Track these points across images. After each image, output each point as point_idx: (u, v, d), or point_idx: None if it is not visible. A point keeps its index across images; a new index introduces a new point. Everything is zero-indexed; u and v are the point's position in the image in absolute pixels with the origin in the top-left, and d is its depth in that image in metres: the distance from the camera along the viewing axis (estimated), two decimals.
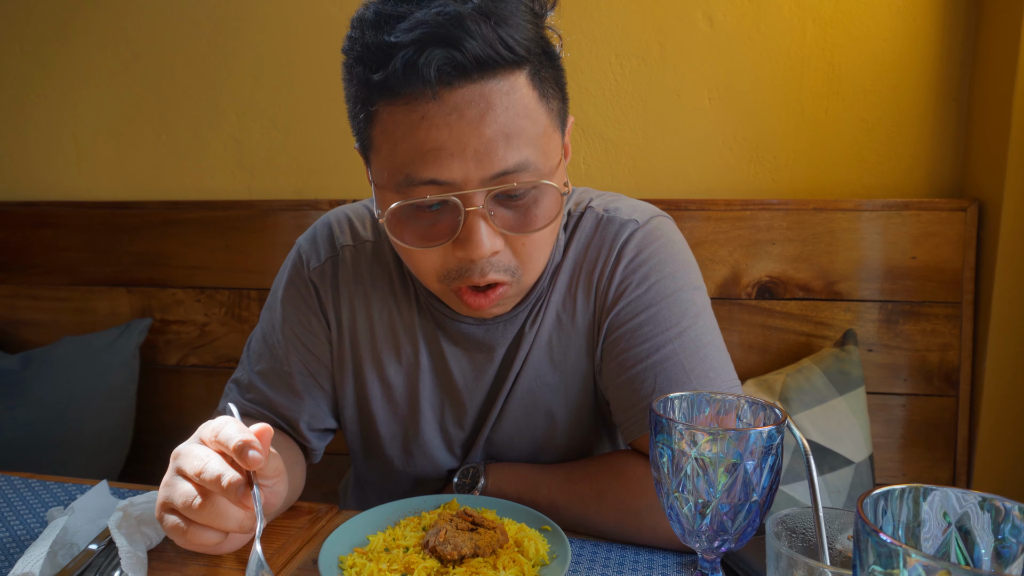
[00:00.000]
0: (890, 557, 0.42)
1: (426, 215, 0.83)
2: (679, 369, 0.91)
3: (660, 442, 0.68)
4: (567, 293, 0.99)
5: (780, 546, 0.57)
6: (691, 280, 0.98)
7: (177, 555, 0.88)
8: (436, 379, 1.03)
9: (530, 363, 1.00)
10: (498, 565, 0.79)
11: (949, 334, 1.65)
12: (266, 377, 1.04)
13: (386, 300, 1.03)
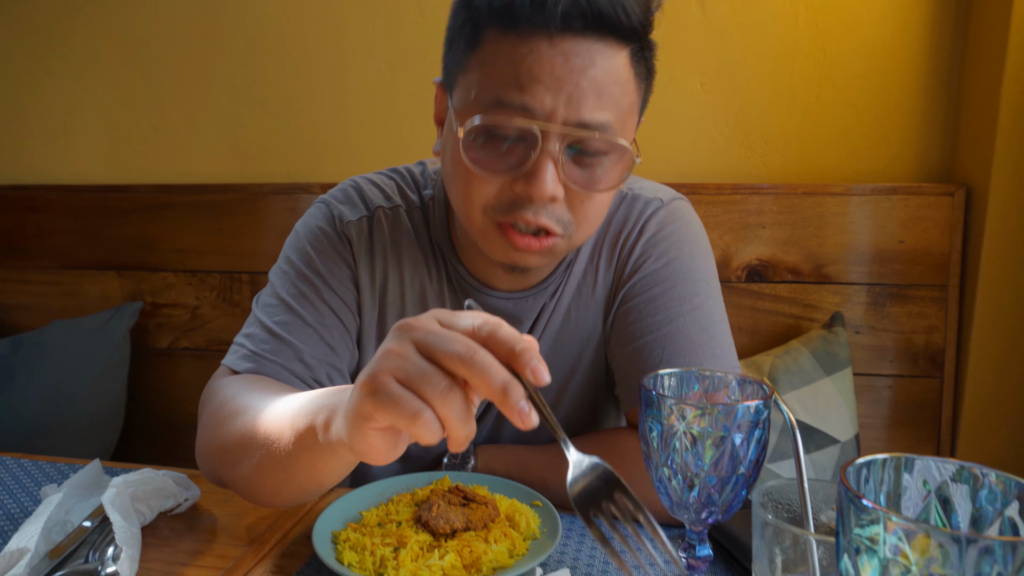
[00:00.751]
0: (871, 523, 0.44)
1: (500, 143, 0.83)
2: (687, 343, 0.93)
3: (650, 417, 0.69)
4: (589, 264, 1.03)
5: (766, 516, 0.58)
6: (706, 263, 1.02)
7: (171, 531, 0.89)
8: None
9: (548, 332, 1.02)
10: (489, 539, 0.80)
11: (935, 316, 1.67)
12: (289, 328, 0.96)
13: (418, 268, 1.02)
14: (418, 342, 0.57)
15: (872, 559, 0.44)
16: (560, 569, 0.74)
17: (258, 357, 0.95)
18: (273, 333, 0.97)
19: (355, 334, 1.03)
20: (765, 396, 0.67)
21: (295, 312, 0.99)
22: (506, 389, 0.55)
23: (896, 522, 0.42)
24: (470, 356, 0.55)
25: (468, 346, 0.55)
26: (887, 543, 0.43)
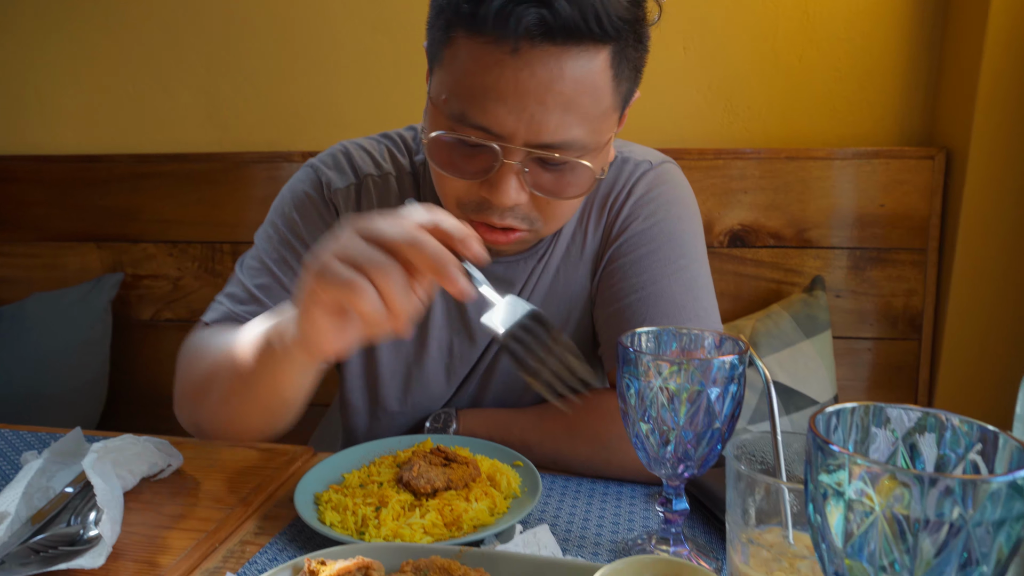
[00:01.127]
0: (838, 468, 0.45)
1: (466, 149, 0.84)
2: (671, 304, 0.94)
3: (627, 374, 0.69)
4: (578, 226, 1.03)
5: (739, 467, 0.59)
6: (694, 225, 1.03)
7: (154, 496, 0.89)
8: (447, 317, 1.04)
9: (537, 292, 1.03)
10: (470, 498, 0.81)
11: (914, 280, 1.68)
12: (268, 291, 0.99)
13: None
14: (361, 231, 0.65)
15: (838, 503, 0.45)
16: (539, 525, 0.75)
17: (236, 317, 0.98)
18: (252, 295, 1.00)
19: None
20: (740, 352, 0.68)
21: (275, 276, 1.01)
22: (443, 261, 0.63)
23: (861, 465, 0.43)
24: (410, 237, 0.62)
25: (408, 230, 0.63)
26: (852, 487, 0.44)
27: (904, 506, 0.42)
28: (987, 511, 0.40)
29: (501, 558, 0.67)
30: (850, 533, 0.44)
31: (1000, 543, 0.41)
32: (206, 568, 0.74)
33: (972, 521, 0.40)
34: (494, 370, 1.06)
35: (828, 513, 0.46)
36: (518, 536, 0.74)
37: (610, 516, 0.84)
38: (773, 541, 0.59)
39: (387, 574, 0.66)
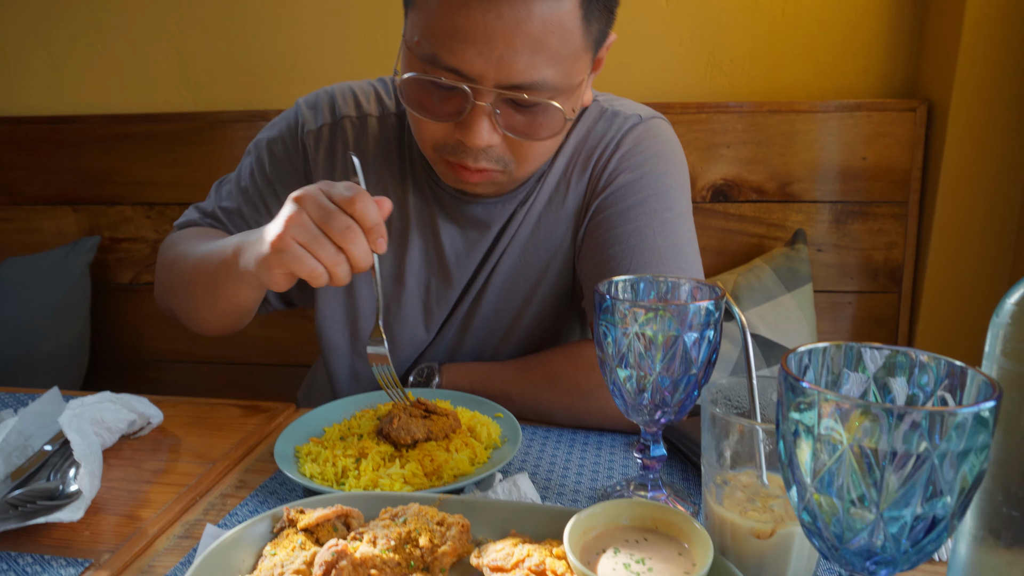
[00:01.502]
0: (808, 405, 0.45)
1: (438, 91, 0.85)
2: (655, 256, 0.94)
3: (604, 321, 0.69)
4: (563, 176, 1.03)
5: (714, 409, 0.59)
6: (680, 180, 1.03)
7: (134, 453, 0.89)
8: (425, 256, 1.05)
9: (518, 239, 1.03)
10: (451, 448, 0.81)
11: (895, 233, 1.69)
12: (230, 215, 1.08)
13: (382, 176, 1.04)
14: (312, 215, 0.76)
15: (808, 439, 0.45)
16: (519, 474, 0.76)
17: (203, 224, 1.08)
18: (216, 215, 1.08)
19: None
20: (716, 298, 0.68)
21: (239, 204, 1.07)
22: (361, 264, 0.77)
23: (830, 400, 0.43)
24: (347, 237, 0.75)
25: (346, 227, 0.75)
26: (822, 423, 0.44)
27: (872, 440, 0.42)
28: (952, 442, 0.41)
29: (480, 505, 0.68)
30: (819, 468, 0.45)
31: (964, 473, 0.42)
32: (187, 520, 0.74)
33: (937, 452, 0.41)
34: (473, 318, 1.06)
35: (798, 449, 0.46)
36: (498, 484, 0.75)
37: (589, 464, 0.85)
38: (747, 482, 0.60)
39: (366, 522, 0.66)
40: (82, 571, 0.65)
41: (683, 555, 0.58)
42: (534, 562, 0.59)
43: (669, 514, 0.62)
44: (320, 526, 0.64)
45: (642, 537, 0.61)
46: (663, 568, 0.57)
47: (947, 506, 0.43)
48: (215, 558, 0.59)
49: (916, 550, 0.45)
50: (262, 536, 0.64)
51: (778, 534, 0.58)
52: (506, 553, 0.61)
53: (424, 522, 0.64)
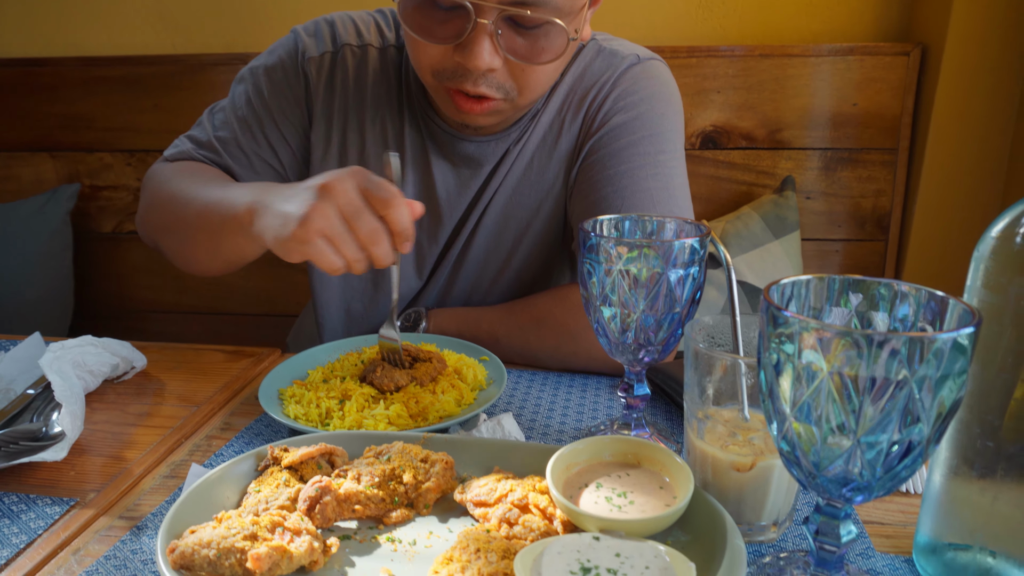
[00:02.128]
0: (790, 336, 0.45)
1: (439, 12, 0.83)
2: (647, 198, 0.94)
3: (589, 260, 0.69)
4: (557, 115, 1.01)
5: (697, 345, 0.59)
6: (675, 123, 1.01)
7: (118, 397, 0.89)
8: (417, 193, 1.04)
9: (510, 178, 1.02)
10: (436, 390, 0.81)
11: (884, 180, 1.68)
12: (226, 145, 1.04)
13: (380, 108, 1.03)
14: (342, 208, 0.72)
15: (788, 368, 0.45)
16: (503, 414, 0.76)
17: (197, 157, 1.03)
18: (211, 145, 1.04)
19: (290, 172, 1.06)
20: (701, 235, 0.67)
21: (236, 135, 1.03)
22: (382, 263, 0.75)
23: (811, 329, 0.43)
24: (374, 239, 0.73)
25: (374, 230, 0.73)
26: (802, 353, 0.44)
27: (852, 368, 0.42)
28: (931, 368, 0.41)
29: (464, 443, 0.68)
30: (799, 397, 0.45)
31: (941, 399, 0.42)
32: (172, 461, 0.75)
33: (916, 378, 0.41)
34: (464, 260, 1.06)
35: (779, 379, 0.46)
36: (482, 424, 0.75)
37: (575, 405, 0.85)
38: (728, 417, 0.60)
39: (350, 460, 0.66)
40: (67, 509, 0.66)
41: (664, 488, 0.59)
42: (517, 496, 0.60)
43: (650, 449, 0.62)
44: (304, 464, 0.64)
45: (624, 472, 0.62)
46: (644, 501, 0.57)
47: (923, 432, 0.43)
48: (200, 495, 0.60)
49: (891, 476, 0.45)
50: (247, 474, 0.64)
51: (758, 467, 0.58)
52: (489, 488, 0.61)
53: (408, 459, 0.65)
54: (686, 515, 0.57)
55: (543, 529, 0.57)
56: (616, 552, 0.51)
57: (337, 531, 0.60)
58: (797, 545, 0.60)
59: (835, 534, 0.50)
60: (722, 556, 0.53)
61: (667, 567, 0.49)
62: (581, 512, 0.55)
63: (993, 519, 0.52)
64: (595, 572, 0.49)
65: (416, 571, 0.55)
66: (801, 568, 0.55)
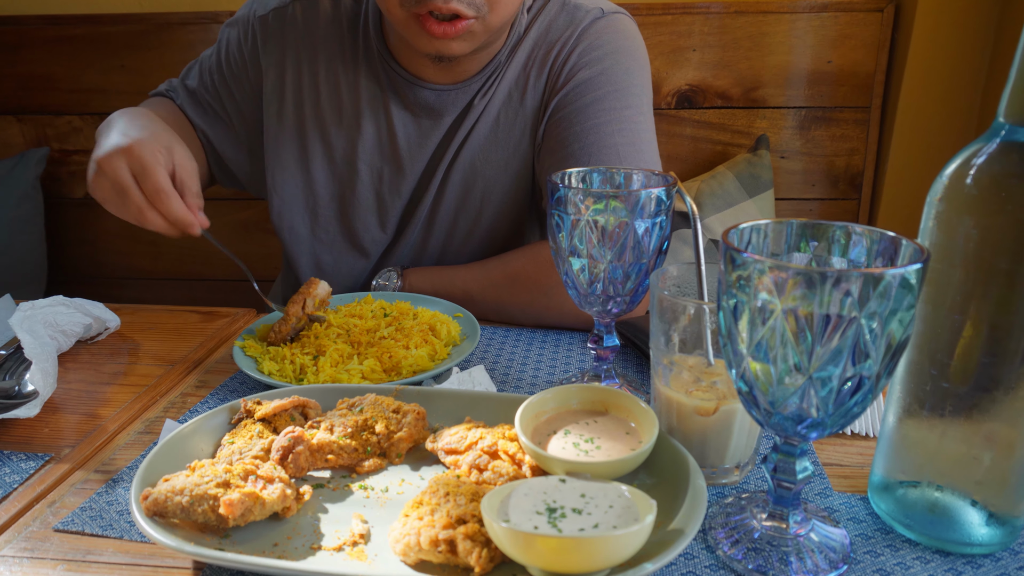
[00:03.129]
0: (748, 277, 0.46)
1: None
2: (613, 154, 0.94)
3: (557, 212, 0.69)
4: (522, 71, 1.00)
5: (662, 292, 0.60)
6: (642, 78, 1.00)
7: (92, 357, 0.89)
8: (378, 143, 1.03)
9: (475, 135, 1.02)
10: (410, 345, 0.82)
11: (857, 138, 1.70)
12: (191, 94, 1.10)
13: (333, 59, 1.02)
14: (113, 185, 0.83)
15: (745, 308, 0.46)
16: (475, 366, 0.77)
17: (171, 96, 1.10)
18: (178, 90, 1.11)
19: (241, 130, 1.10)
20: (667, 185, 0.68)
21: (203, 83, 1.09)
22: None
23: (767, 269, 0.44)
24: (140, 218, 0.84)
25: (139, 208, 0.83)
26: (758, 293, 0.45)
27: (805, 306, 0.43)
28: (880, 303, 0.42)
29: (436, 394, 0.69)
30: (755, 337, 0.46)
31: (891, 333, 0.43)
32: (147, 418, 0.75)
33: (865, 313, 0.42)
34: (434, 219, 1.06)
35: (737, 320, 0.47)
36: (454, 376, 0.76)
37: (547, 359, 0.86)
38: (693, 363, 0.62)
39: (323, 412, 0.67)
40: (42, 464, 0.66)
41: (630, 434, 0.61)
42: (487, 444, 0.61)
43: (617, 397, 0.64)
44: (278, 416, 0.65)
45: (592, 419, 0.63)
46: (611, 446, 0.59)
47: (872, 368, 0.44)
48: (174, 446, 0.60)
49: (843, 412, 0.47)
50: (221, 427, 0.65)
51: (721, 411, 0.60)
52: (460, 436, 0.62)
53: (380, 410, 0.66)
54: (652, 459, 0.59)
55: (512, 474, 0.58)
56: (581, 493, 0.53)
57: (311, 480, 0.61)
58: (759, 487, 0.62)
59: (791, 471, 0.52)
60: (684, 496, 0.54)
61: (630, 505, 0.51)
62: (549, 456, 0.56)
63: (940, 456, 0.54)
64: (560, 511, 0.50)
65: (388, 516, 0.56)
66: (760, 506, 0.57)
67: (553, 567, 0.47)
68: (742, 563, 0.52)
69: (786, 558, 0.52)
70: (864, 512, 0.59)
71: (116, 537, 0.56)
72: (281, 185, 1.07)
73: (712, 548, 0.55)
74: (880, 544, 0.55)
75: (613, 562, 0.47)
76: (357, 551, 0.52)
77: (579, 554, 0.46)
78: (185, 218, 0.83)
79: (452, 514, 0.52)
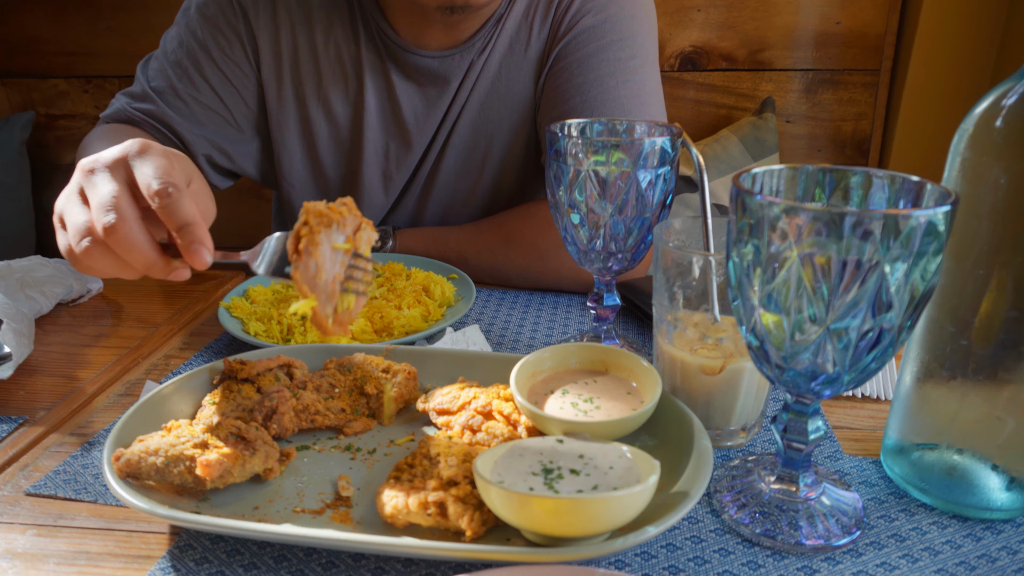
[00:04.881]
0: (760, 222, 0.42)
1: None
2: (617, 107, 0.90)
3: (556, 163, 0.66)
4: (523, 20, 0.95)
5: (667, 243, 0.57)
6: (647, 26, 0.95)
7: (73, 319, 0.86)
8: (383, 119, 0.98)
9: (478, 91, 0.97)
10: (402, 306, 0.79)
11: (865, 103, 1.65)
12: (162, 94, 0.94)
13: (331, 30, 0.95)
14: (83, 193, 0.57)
15: (758, 256, 0.43)
16: (470, 325, 0.74)
17: (130, 115, 0.94)
18: (147, 96, 0.95)
19: (239, 117, 0.98)
20: (673, 135, 0.64)
21: (171, 81, 0.95)
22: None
23: (782, 211, 0.41)
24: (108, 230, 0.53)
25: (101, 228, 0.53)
26: (772, 238, 0.42)
27: (823, 251, 0.40)
28: (904, 248, 0.39)
29: (428, 354, 0.66)
30: (768, 286, 0.43)
31: (914, 282, 0.40)
32: (127, 380, 0.72)
33: (888, 258, 0.39)
34: (434, 182, 1.02)
35: (748, 269, 0.44)
36: (447, 335, 0.73)
37: (544, 322, 0.83)
38: (698, 320, 0.59)
39: (310, 372, 0.64)
40: (15, 427, 0.63)
41: (632, 394, 0.58)
42: (480, 404, 0.58)
43: (617, 355, 0.60)
44: (262, 376, 0.62)
45: (591, 379, 0.60)
46: (611, 406, 0.56)
47: (894, 320, 0.41)
48: (152, 407, 0.57)
49: (860, 368, 0.44)
50: (202, 388, 0.62)
51: (727, 370, 0.57)
52: (452, 396, 0.59)
53: (370, 370, 0.63)
54: (654, 420, 0.56)
55: (507, 435, 0.55)
56: (580, 454, 0.50)
57: (296, 441, 0.59)
58: (766, 450, 0.60)
59: (803, 431, 0.49)
60: (689, 456, 0.52)
61: (631, 466, 0.48)
62: (545, 416, 0.53)
63: (961, 417, 0.51)
64: (557, 472, 0.48)
65: (375, 478, 0.54)
66: (768, 469, 0.54)
67: (549, 530, 0.44)
68: (749, 527, 0.49)
69: (795, 522, 0.49)
70: (876, 476, 0.56)
71: (90, 501, 0.54)
72: (289, 171, 1.01)
73: (718, 512, 0.52)
74: (894, 508, 0.52)
75: (613, 525, 0.44)
76: (342, 514, 0.49)
77: (577, 516, 0.43)
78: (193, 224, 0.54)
79: (443, 476, 0.49)
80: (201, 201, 0.61)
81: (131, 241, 0.53)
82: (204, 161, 0.97)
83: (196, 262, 0.54)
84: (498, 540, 0.47)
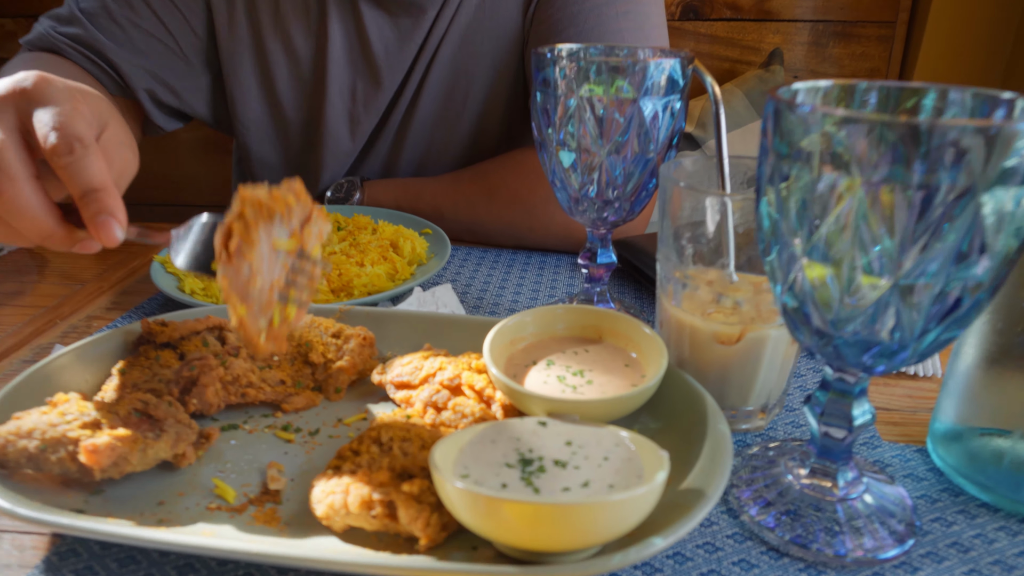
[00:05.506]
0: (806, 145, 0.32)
1: None
2: (617, 41, 0.79)
3: (543, 91, 0.55)
4: None
5: (677, 183, 0.47)
6: None
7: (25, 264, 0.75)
8: (349, 53, 0.86)
9: (457, 22, 0.85)
10: (365, 261, 0.68)
11: (879, 58, 1.54)
12: (93, 18, 0.82)
13: None
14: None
15: (801, 185, 0.33)
16: (442, 284, 0.64)
17: (54, 40, 0.81)
18: (75, 18, 0.82)
19: (186, 46, 0.86)
20: (682, 58, 0.53)
21: (103, 1, 0.82)
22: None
23: (836, 123, 0.30)
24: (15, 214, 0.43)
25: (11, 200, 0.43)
26: (822, 165, 0.31)
27: (895, 176, 0.30)
28: (1008, 174, 0.29)
29: (388, 316, 0.56)
30: (815, 228, 0.33)
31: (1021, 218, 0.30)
32: (37, 344, 0.61)
33: (985, 187, 0.29)
34: (409, 126, 0.90)
35: (786, 207, 0.34)
36: (414, 296, 0.63)
37: (529, 283, 0.73)
38: (713, 277, 0.48)
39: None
40: None
41: (630, 366, 0.48)
42: (447, 376, 0.48)
43: (614, 320, 0.50)
44: (186, 340, 0.51)
45: (582, 348, 0.50)
46: (606, 381, 0.46)
47: (986, 273, 0.31)
48: (41, 377, 0.47)
49: (929, 339, 0.34)
50: (112, 355, 0.51)
51: (747, 338, 0.47)
52: (414, 367, 0.49)
53: (317, 334, 0.53)
54: (657, 397, 0.46)
55: (478, 415, 0.45)
56: (567, 440, 0.40)
57: (222, 419, 0.48)
58: (790, 435, 0.50)
59: (845, 416, 0.39)
60: (702, 444, 0.42)
61: (632, 457, 0.38)
62: (526, 392, 0.43)
63: None
64: (538, 464, 0.38)
65: (314, 467, 0.44)
66: (797, 460, 0.44)
67: (526, 543, 0.34)
68: (775, 532, 0.40)
69: (833, 528, 0.40)
70: (923, 467, 0.46)
71: None
72: (243, 110, 0.89)
73: (735, 512, 0.42)
74: (950, 509, 0.43)
75: (609, 536, 0.34)
76: (266, 513, 0.39)
77: (562, 525, 0.33)
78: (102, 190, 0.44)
79: (395, 466, 0.39)
80: (116, 156, 0.49)
81: (19, 205, 0.43)
82: (146, 97, 0.85)
83: (103, 237, 0.43)
84: (462, 549, 0.37)
